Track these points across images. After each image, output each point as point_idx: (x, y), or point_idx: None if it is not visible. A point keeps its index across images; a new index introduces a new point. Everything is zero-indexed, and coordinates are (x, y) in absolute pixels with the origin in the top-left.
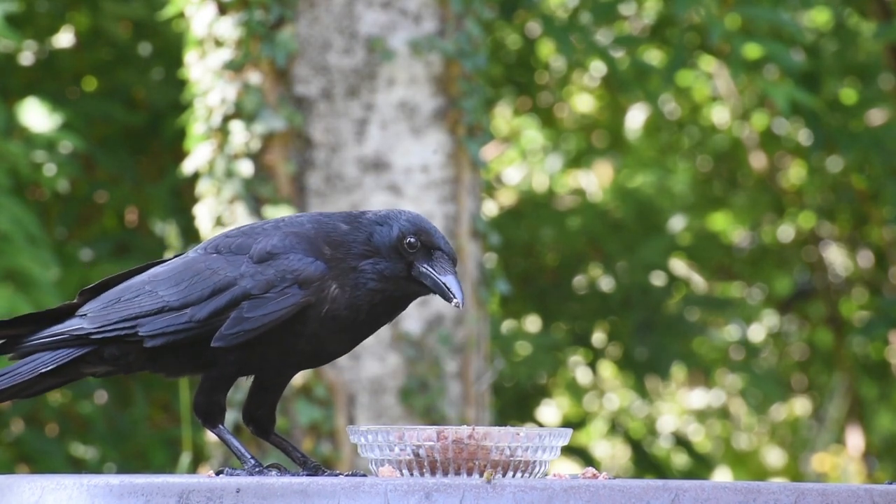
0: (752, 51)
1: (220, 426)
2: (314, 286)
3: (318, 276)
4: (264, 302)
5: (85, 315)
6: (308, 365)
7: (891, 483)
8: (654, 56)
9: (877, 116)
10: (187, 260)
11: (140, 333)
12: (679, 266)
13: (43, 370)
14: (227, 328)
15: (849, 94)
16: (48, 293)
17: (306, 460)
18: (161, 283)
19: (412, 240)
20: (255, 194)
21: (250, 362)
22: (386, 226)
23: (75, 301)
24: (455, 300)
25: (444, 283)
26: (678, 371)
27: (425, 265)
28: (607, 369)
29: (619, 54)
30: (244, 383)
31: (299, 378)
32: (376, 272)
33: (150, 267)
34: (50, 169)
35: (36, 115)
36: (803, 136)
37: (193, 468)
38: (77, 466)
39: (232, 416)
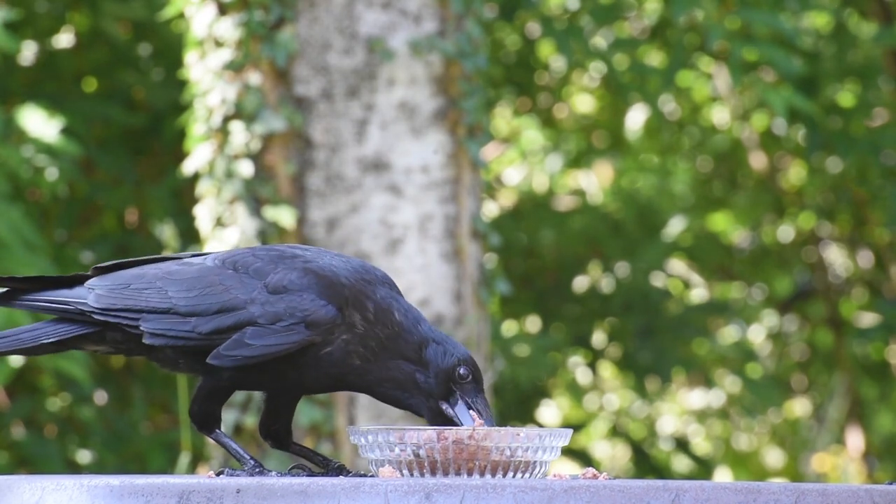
0: (750, 54)
1: (217, 431)
2: (321, 329)
3: (327, 321)
4: (268, 333)
5: (92, 290)
6: (297, 391)
7: (891, 483)
8: (654, 57)
9: (877, 118)
10: (203, 268)
11: (142, 328)
12: (679, 267)
13: (45, 341)
14: (225, 349)
15: (847, 97)
16: None
17: (328, 463)
18: (173, 284)
19: (464, 371)
20: (255, 195)
21: (243, 381)
22: (441, 346)
23: (87, 273)
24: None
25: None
26: (678, 372)
27: (468, 399)
28: (607, 370)
29: (618, 56)
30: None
31: None
32: (412, 377)
33: (166, 261)
34: (52, 173)
35: (35, 121)
36: (803, 137)
37: (192, 469)
38: (75, 470)
39: (231, 416)
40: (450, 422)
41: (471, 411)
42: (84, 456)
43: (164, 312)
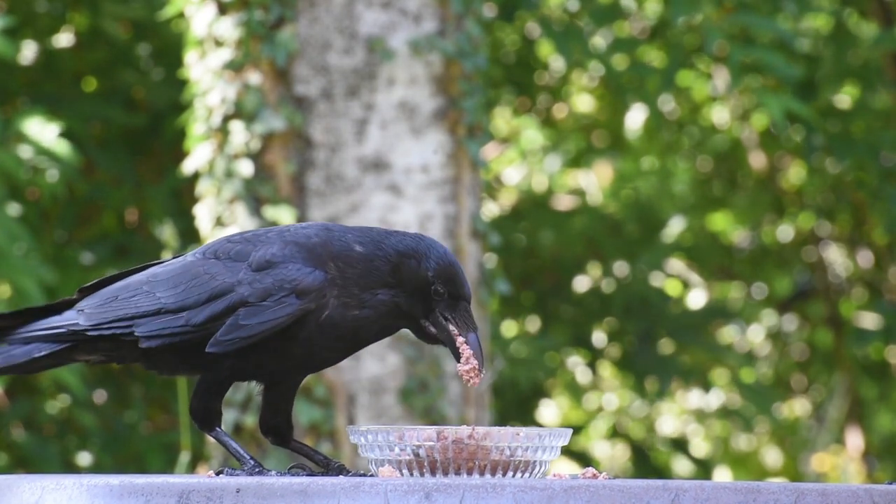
0: (749, 57)
1: (217, 429)
2: (312, 295)
3: (316, 287)
4: (261, 310)
5: (82, 311)
6: (303, 370)
7: (891, 483)
8: (654, 56)
9: (875, 119)
10: (186, 263)
11: (136, 333)
12: (679, 267)
13: (36, 355)
14: (222, 334)
15: (846, 99)
16: None
17: (329, 462)
18: (159, 285)
19: (439, 289)
20: (255, 194)
21: (245, 368)
22: (414, 261)
23: (74, 297)
24: (462, 367)
25: (460, 343)
26: (678, 378)
27: (446, 314)
28: (607, 370)
29: (617, 56)
30: (244, 385)
31: None
32: (393, 304)
33: (148, 267)
34: (52, 175)
35: (35, 125)
36: (802, 138)
37: (192, 468)
38: (74, 471)
39: (231, 416)
40: (437, 340)
41: (449, 325)
42: (83, 458)
43: (154, 314)
